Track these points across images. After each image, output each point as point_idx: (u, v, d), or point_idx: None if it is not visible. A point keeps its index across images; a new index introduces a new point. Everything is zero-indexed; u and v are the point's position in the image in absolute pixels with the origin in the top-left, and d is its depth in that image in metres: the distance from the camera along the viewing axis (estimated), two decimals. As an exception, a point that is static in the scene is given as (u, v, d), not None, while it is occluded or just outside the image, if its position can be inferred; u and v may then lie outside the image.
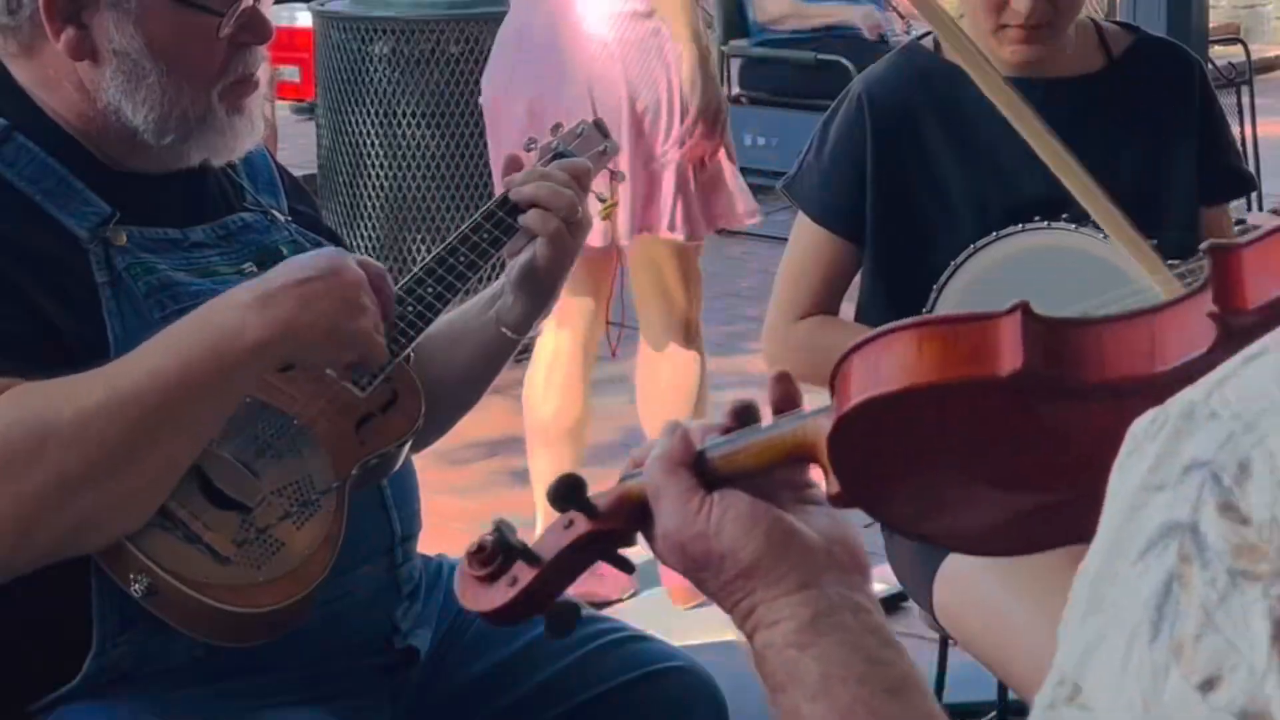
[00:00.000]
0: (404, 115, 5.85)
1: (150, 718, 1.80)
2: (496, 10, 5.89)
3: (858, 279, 2.66)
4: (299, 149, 7.34)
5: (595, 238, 3.81)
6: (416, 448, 2.03)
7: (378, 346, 1.82)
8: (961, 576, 2.42)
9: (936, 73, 2.60)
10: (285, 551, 1.79)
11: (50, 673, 1.80)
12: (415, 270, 1.98)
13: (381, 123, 5.89)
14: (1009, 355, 0.98)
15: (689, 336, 4.13)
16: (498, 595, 1.21)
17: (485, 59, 5.80)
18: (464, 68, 5.85)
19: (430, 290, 1.96)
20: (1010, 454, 1.04)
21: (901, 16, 7.97)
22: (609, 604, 3.99)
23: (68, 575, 1.75)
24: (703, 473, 1.14)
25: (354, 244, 5.75)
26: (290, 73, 9.22)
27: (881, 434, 1.04)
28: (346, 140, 5.96)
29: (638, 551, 1.22)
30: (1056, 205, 2.44)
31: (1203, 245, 0.93)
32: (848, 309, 2.68)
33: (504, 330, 2.06)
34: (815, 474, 1.14)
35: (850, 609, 1.09)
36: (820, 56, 7.45)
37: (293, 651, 1.87)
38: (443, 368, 2.07)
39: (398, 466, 1.95)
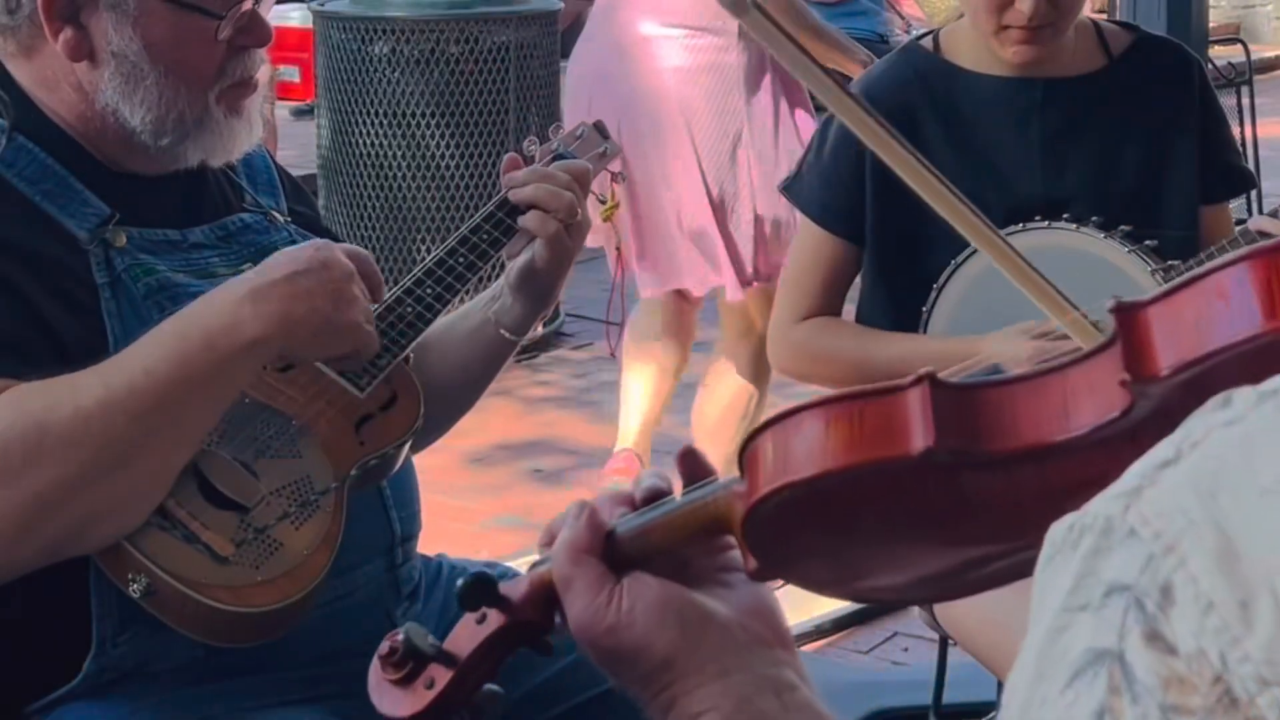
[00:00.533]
0: (403, 115, 5.85)
1: (149, 717, 1.80)
2: (497, 10, 5.90)
3: (858, 280, 2.66)
4: (299, 149, 7.34)
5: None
6: (416, 448, 2.03)
7: (368, 336, 1.82)
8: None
9: (935, 74, 2.60)
10: (284, 552, 1.79)
11: (50, 673, 1.80)
12: (415, 271, 1.98)
13: (381, 123, 5.89)
14: (919, 433, 0.94)
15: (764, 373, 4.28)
16: (416, 700, 1.17)
17: (485, 59, 5.83)
18: (464, 68, 5.85)
19: (430, 291, 1.96)
20: (931, 522, 1.01)
21: (901, 17, 7.97)
22: None
23: (67, 576, 1.75)
24: (612, 554, 1.09)
25: (354, 245, 5.75)
26: (290, 73, 9.22)
27: (796, 514, 1.02)
28: (346, 141, 5.96)
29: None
30: (1054, 206, 2.45)
31: (1108, 305, 0.90)
32: (849, 310, 2.68)
33: (502, 331, 2.07)
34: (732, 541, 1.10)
35: (773, 689, 1.05)
36: (820, 56, 7.45)
37: (293, 651, 1.87)
38: (441, 368, 2.07)
39: (397, 467, 1.95)
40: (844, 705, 3.25)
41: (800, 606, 3.97)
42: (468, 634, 1.17)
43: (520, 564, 3.34)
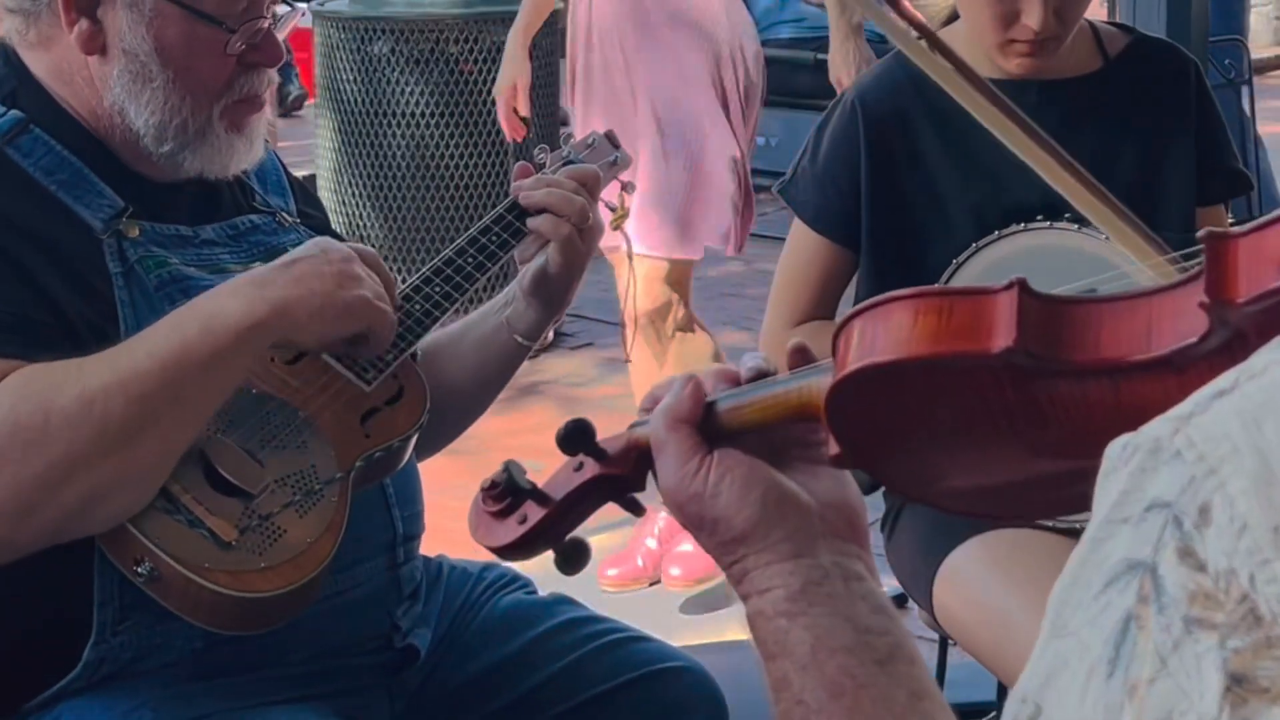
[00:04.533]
0: (403, 115, 5.85)
1: (149, 714, 1.80)
2: (496, 10, 5.90)
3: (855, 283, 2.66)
4: (298, 149, 7.34)
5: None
6: (426, 452, 2.04)
7: (378, 312, 1.82)
8: (961, 576, 2.42)
9: (929, 77, 2.60)
10: (287, 539, 1.80)
11: (50, 660, 1.81)
12: (423, 270, 2.00)
13: (380, 123, 5.89)
14: (1002, 331, 0.98)
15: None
16: (508, 532, 1.24)
17: (485, 59, 5.83)
18: (464, 68, 5.85)
19: (438, 289, 1.98)
20: (1005, 426, 1.04)
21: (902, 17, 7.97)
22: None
23: (70, 562, 1.76)
24: (708, 425, 1.14)
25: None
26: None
27: (877, 401, 1.05)
28: (345, 140, 5.96)
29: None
30: (1050, 209, 2.44)
31: (1200, 233, 0.92)
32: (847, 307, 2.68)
33: (516, 336, 2.08)
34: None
35: (842, 576, 1.09)
36: (820, 56, 7.44)
37: (293, 648, 1.87)
38: (454, 373, 2.07)
39: (402, 463, 1.95)
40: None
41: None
42: (564, 478, 1.23)
43: (520, 564, 3.35)
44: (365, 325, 1.82)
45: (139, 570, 1.74)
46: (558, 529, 1.23)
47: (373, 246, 6.08)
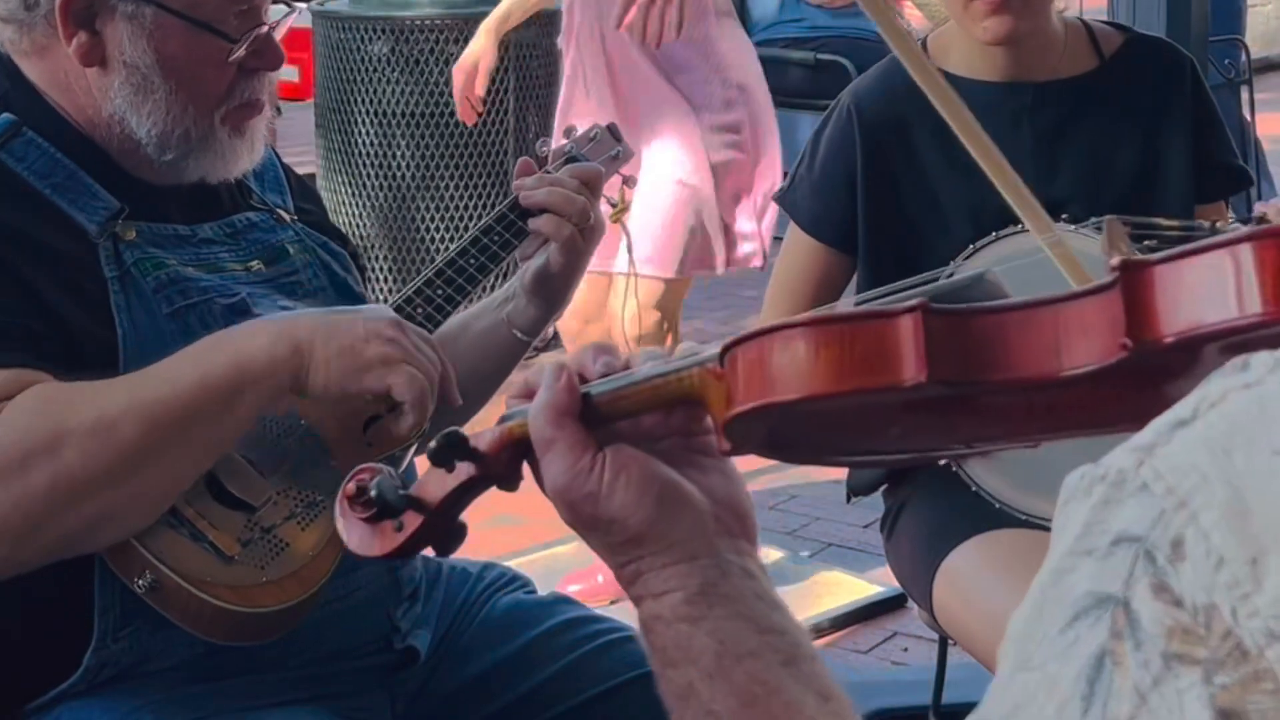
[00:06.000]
0: (403, 115, 5.85)
1: (149, 716, 1.80)
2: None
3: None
4: (298, 149, 7.33)
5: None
6: (421, 453, 2.03)
7: (407, 374, 1.75)
8: (961, 577, 2.42)
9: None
10: (289, 552, 1.79)
11: (50, 666, 1.80)
12: (425, 272, 1.99)
13: (380, 123, 5.89)
14: (911, 364, 0.94)
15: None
16: (386, 541, 1.20)
17: (485, 59, 5.82)
18: (463, 68, 5.84)
19: (440, 292, 1.97)
20: (909, 430, 1.03)
21: (902, 18, 7.97)
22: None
23: (72, 570, 1.76)
24: (589, 415, 1.10)
25: (352, 241, 5.75)
26: (289, 73, 9.22)
27: (777, 423, 1.03)
28: (345, 140, 5.96)
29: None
30: (1049, 208, 2.44)
31: (1114, 262, 0.89)
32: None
33: (516, 332, 2.08)
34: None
35: (739, 575, 1.07)
36: (820, 56, 7.45)
37: (293, 651, 1.87)
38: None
39: (402, 469, 1.95)
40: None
41: (799, 607, 3.98)
42: (437, 481, 1.18)
43: (520, 563, 3.33)
44: (388, 385, 1.76)
45: (140, 582, 1.74)
46: (436, 530, 1.19)
47: (371, 247, 6.05)
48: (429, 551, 1.23)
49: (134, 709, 1.80)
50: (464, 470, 1.16)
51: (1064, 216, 2.40)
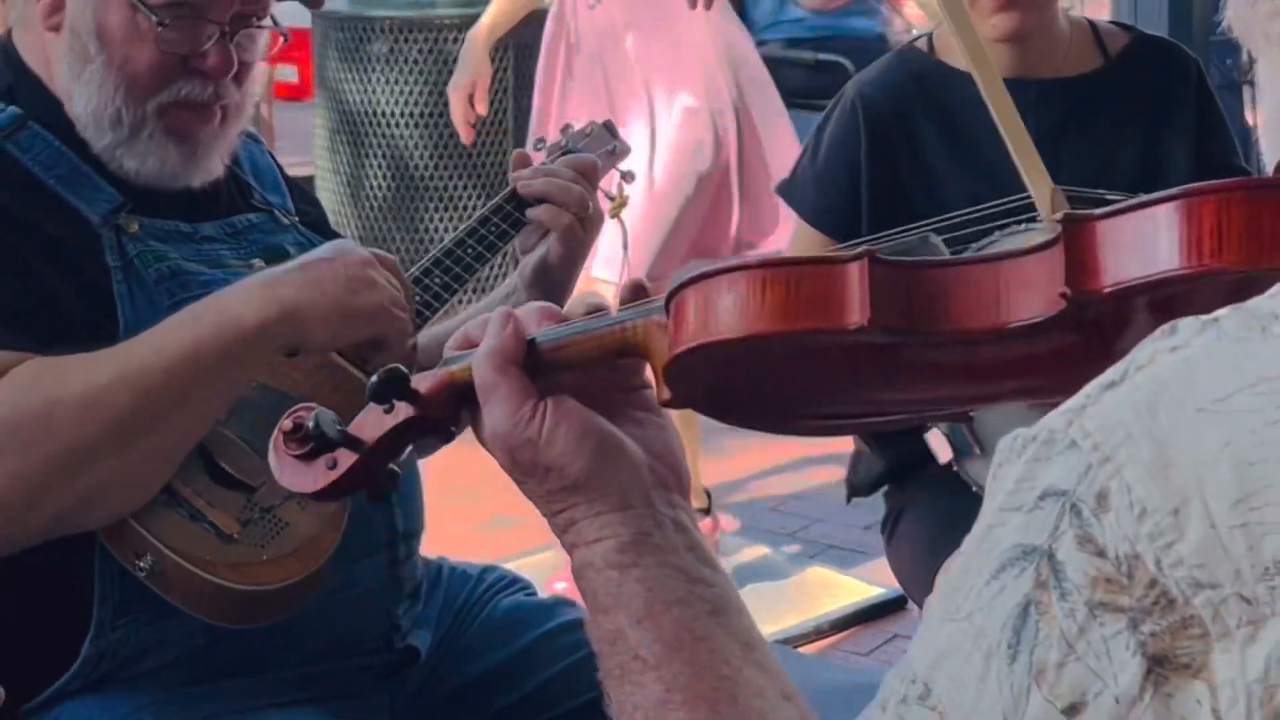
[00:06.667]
0: (402, 115, 5.85)
1: (149, 717, 1.80)
2: (496, 10, 5.89)
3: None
4: (297, 149, 7.33)
5: None
6: (425, 452, 2.03)
7: (396, 320, 1.80)
8: (962, 578, 2.41)
9: (930, 74, 2.60)
10: (289, 531, 1.79)
11: (49, 656, 1.80)
12: (423, 261, 1.99)
13: (380, 123, 5.88)
14: (855, 307, 0.95)
15: None
16: (317, 477, 1.20)
17: (484, 59, 5.82)
18: (463, 68, 5.84)
19: (437, 280, 1.98)
20: (850, 383, 1.04)
21: (902, 17, 7.97)
22: None
23: (71, 557, 1.76)
24: (529, 364, 1.10)
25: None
26: (289, 72, 9.22)
27: (719, 369, 1.04)
28: (344, 140, 5.96)
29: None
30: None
31: (1057, 215, 0.92)
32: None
33: None
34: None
35: (671, 527, 1.09)
36: (820, 56, 7.45)
37: (293, 649, 1.87)
38: None
39: (402, 458, 1.94)
40: (843, 707, 3.23)
41: (800, 608, 3.97)
42: (374, 421, 1.18)
43: (519, 564, 3.34)
44: (378, 331, 1.80)
45: (140, 565, 1.74)
46: (369, 471, 1.20)
47: (370, 245, 6.06)
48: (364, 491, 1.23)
49: (134, 709, 1.80)
50: (403, 410, 1.17)
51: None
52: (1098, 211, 0.90)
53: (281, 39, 1.96)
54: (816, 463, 4.75)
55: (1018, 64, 2.55)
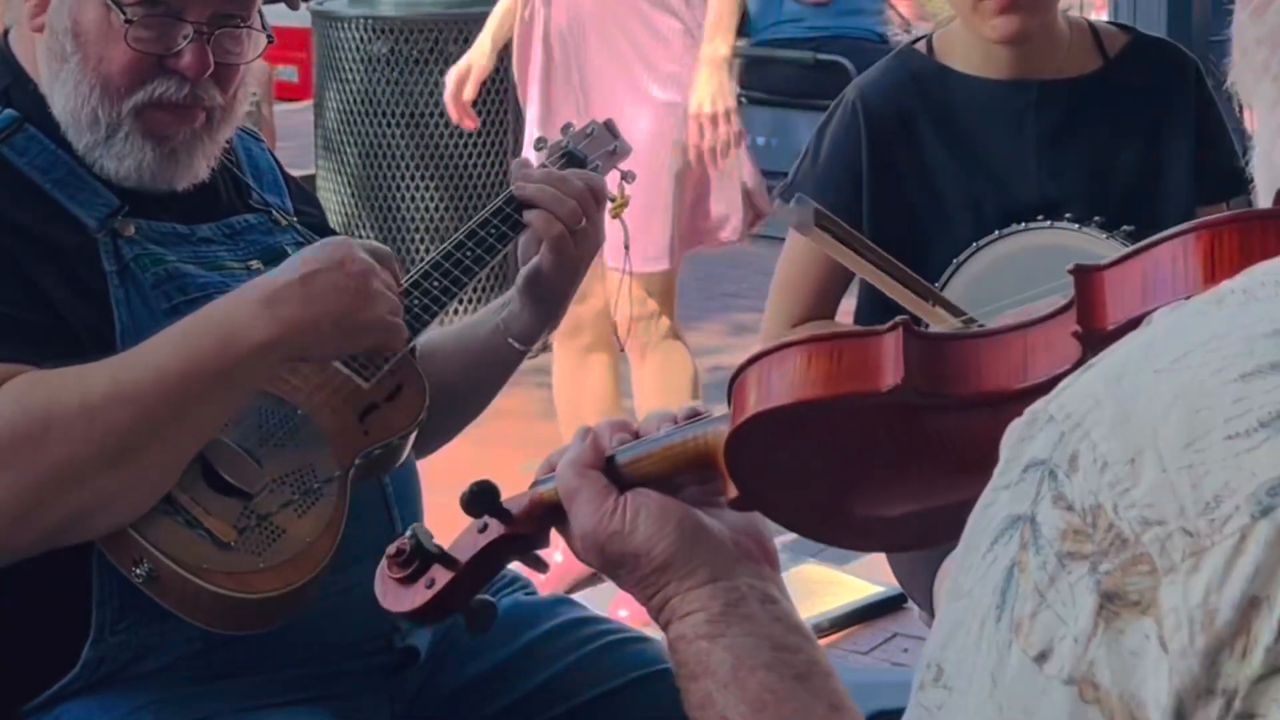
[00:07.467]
0: (402, 115, 5.85)
1: (149, 717, 1.80)
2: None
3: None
4: (297, 149, 7.33)
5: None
6: (419, 454, 2.03)
7: (395, 330, 1.82)
8: (961, 577, 2.42)
9: (930, 77, 2.60)
10: (286, 539, 1.79)
11: (49, 660, 1.80)
12: (422, 264, 1.98)
13: (379, 123, 5.88)
14: (890, 370, 1.05)
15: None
16: (416, 596, 1.29)
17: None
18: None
19: (436, 284, 1.96)
20: (895, 460, 1.11)
21: (901, 17, 7.97)
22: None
23: (69, 562, 1.76)
24: (612, 476, 1.20)
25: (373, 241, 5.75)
26: (288, 72, 9.23)
27: (775, 443, 1.11)
28: (344, 140, 5.96)
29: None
30: (1051, 207, 2.45)
31: (1068, 267, 1.00)
32: (849, 303, 2.67)
33: (510, 340, 2.06)
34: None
35: (759, 599, 1.15)
36: (820, 56, 7.46)
37: (292, 650, 1.87)
38: (448, 372, 2.06)
39: (402, 460, 1.95)
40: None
41: (799, 606, 3.95)
42: (469, 541, 1.28)
43: (519, 565, 3.32)
44: (377, 342, 1.82)
45: (137, 571, 1.74)
46: (465, 590, 1.29)
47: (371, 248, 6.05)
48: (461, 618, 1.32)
49: (133, 709, 1.80)
50: (494, 530, 1.27)
51: (1067, 215, 2.40)
52: (1100, 264, 1.00)
53: (266, 40, 1.94)
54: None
55: (1018, 65, 2.55)
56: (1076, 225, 2.38)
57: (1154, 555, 0.75)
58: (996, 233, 2.42)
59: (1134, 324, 0.93)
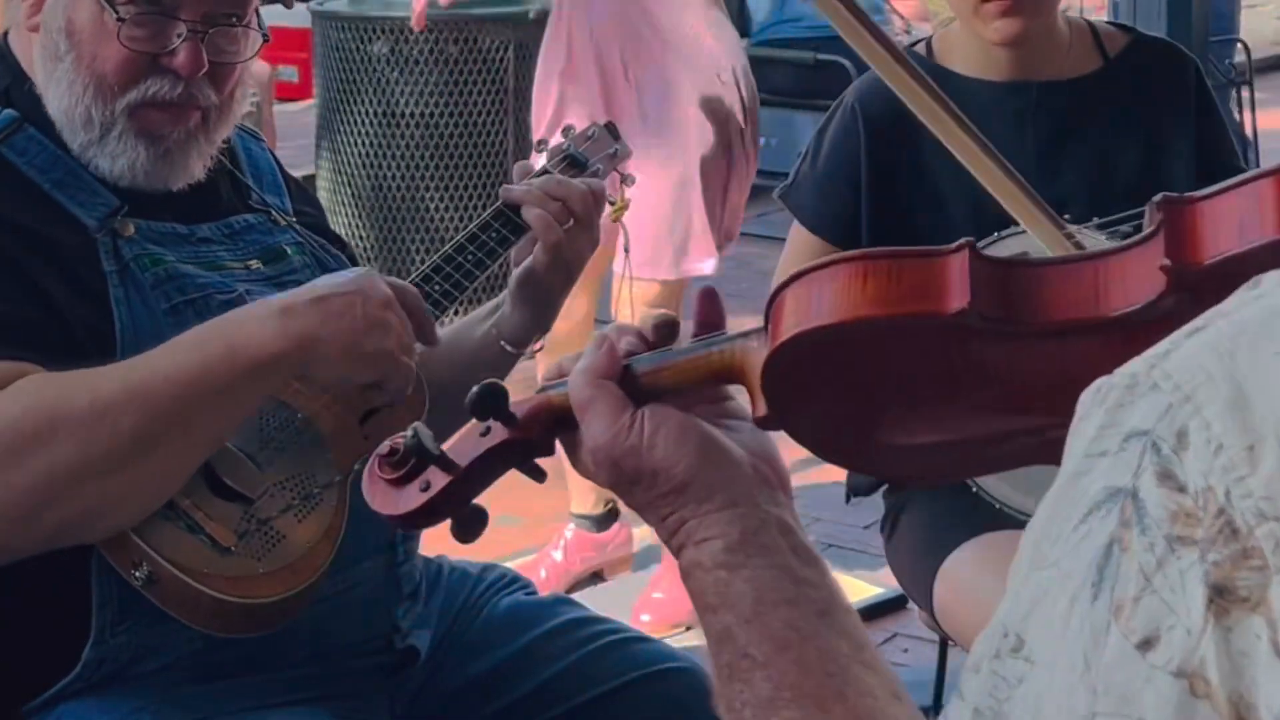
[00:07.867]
0: (402, 115, 5.85)
1: (149, 717, 1.80)
2: (494, 11, 5.90)
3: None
4: (297, 149, 7.33)
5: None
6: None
7: (402, 367, 1.79)
8: (961, 576, 2.42)
9: (930, 78, 2.60)
10: (286, 544, 1.79)
11: (49, 661, 1.80)
12: (422, 268, 1.98)
13: (380, 123, 5.88)
14: (956, 293, 0.97)
15: None
16: (410, 500, 1.20)
17: (484, 59, 5.83)
18: (463, 68, 5.85)
19: (437, 288, 1.96)
20: (946, 387, 1.04)
21: (901, 18, 7.97)
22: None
23: (69, 564, 1.76)
24: (627, 387, 1.12)
25: (350, 245, 5.75)
26: (288, 73, 9.22)
27: (817, 364, 1.04)
28: (344, 140, 5.96)
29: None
30: (1052, 207, 2.44)
31: (1156, 198, 0.94)
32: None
33: (502, 343, 2.05)
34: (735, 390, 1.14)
35: (777, 527, 1.10)
36: (820, 56, 7.46)
37: (293, 650, 1.87)
38: (441, 374, 2.06)
39: None
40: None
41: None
42: (470, 443, 1.19)
43: (520, 564, 3.32)
44: (382, 376, 1.79)
45: (137, 574, 1.74)
46: (461, 496, 1.20)
47: (369, 247, 6.06)
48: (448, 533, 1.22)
49: (133, 710, 1.80)
50: (498, 433, 1.18)
51: (1066, 216, 2.40)
52: (1194, 195, 0.93)
53: (262, 39, 1.94)
54: (816, 462, 4.74)
55: (1018, 66, 2.56)
56: (1076, 226, 2.38)
57: (1266, 551, 0.72)
58: (996, 234, 2.42)
59: (1231, 262, 0.90)
